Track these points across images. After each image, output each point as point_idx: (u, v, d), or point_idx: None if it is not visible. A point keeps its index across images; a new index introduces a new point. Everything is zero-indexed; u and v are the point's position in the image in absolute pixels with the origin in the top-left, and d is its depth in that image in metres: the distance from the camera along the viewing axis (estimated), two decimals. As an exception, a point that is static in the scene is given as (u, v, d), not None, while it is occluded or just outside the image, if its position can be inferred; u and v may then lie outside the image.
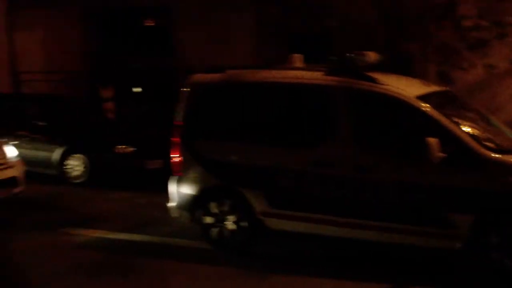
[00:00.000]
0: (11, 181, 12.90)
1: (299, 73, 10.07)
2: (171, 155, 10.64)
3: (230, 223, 10.15)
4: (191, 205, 10.44)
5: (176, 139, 10.55)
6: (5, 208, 12.87)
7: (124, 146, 15.38)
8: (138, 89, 22.94)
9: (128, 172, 15.33)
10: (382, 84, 9.40)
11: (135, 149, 15.42)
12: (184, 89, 10.66)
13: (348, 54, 10.01)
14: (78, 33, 22.89)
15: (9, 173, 12.90)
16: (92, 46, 23.04)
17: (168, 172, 10.84)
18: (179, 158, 10.51)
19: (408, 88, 9.49)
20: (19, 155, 13.62)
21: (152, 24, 23.37)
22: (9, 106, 17.44)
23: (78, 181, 15.36)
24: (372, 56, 10.03)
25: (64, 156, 15.59)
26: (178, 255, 10.17)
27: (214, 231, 10.24)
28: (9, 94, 20.10)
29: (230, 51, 19.60)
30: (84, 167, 15.32)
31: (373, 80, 9.43)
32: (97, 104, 19.83)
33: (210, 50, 19.96)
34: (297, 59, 10.48)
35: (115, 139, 15.68)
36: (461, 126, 9.06)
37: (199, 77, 10.70)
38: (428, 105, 9.15)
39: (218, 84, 10.48)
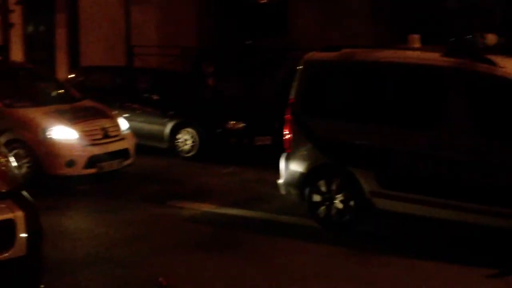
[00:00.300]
0: (124, 153, 13.13)
1: (416, 53, 9.87)
2: (283, 132, 10.56)
3: (337, 202, 10.03)
4: (300, 182, 10.37)
5: (289, 116, 10.46)
6: (117, 179, 13.10)
7: (234, 122, 15.39)
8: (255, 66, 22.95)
9: (238, 147, 15.33)
10: (502, 67, 9.07)
11: (245, 125, 15.40)
12: (299, 67, 10.56)
13: (467, 36, 9.74)
14: (193, 8, 23.04)
15: (122, 145, 13.13)
16: (207, 22, 23.16)
17: (276, 148, 10.78)
18: (290, 135, 10.42)
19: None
20: (130, 128, 13.84)
21: (267, 2, 23.32)
22: (122, 79, 17.69)
23: (188, 155, 15.45)
24: (491, 38, 9.74)
25: (175, 130, 15.70)
26: (284, 232, 10.12)
27: (322, 209, 10.15)
28: (122, 67, 20.38)
29: (344, 30, 19.36)
30: (194, 141, 15.39)
31: (492, 63, 9.12)
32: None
33: (324, 29, 19.76)
34: (415, 39, 10.23)
35: (226, 114, 15.69)
36: None
37: (314, 55, 10.62)
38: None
39: (333, 63, 10.39)
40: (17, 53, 26.04)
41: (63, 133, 12.39)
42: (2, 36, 24.98)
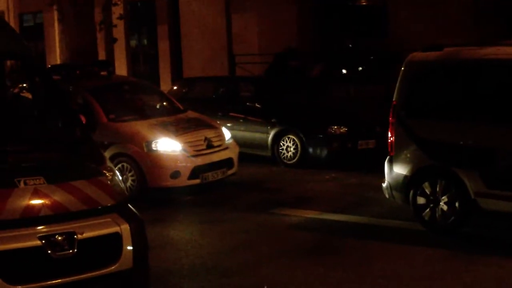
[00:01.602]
0: (227, 162, 13.23)
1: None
2: (388, 135, 10.49)
3: (442, 204, 9.89)
4: (404, 185, 10.28)
5: (392, 119, 10.37)
6: (220, 189, 13.20)
7: (337, 127, 15.31)
8: (359, 68, 22.82)
9: (341, 152, 15.24)
10: None
11: (347, 129, 15.30)
12: (402, 69, 10.49)
13: None
14: (293, 14, 23.07)
15: (225, 155, 13.22)
16: (306, 27, 23.14)
17: (380, 152, 10.66)
18: (393, 138, 10.31)
19: None
20: (233, 137, 13.93)
21: (367, 3, 23.17)
22: (224, 89, 17.83)
23: (290, 162, 15.46)
24: None
25: (278, 137, 15.72)
26: (389, 236, 10.04)
27: (426, 212, 10.04)
28: (224, 77, 20.55)
29: (445, 30, 19.04)
30: (297, 148, 15.37)
31: None
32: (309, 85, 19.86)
33: (426, 28, 19.49)
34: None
35: (328, 119, 15.62)
36: None
37: (416, 56, 10.50)
38: None
39: (436, 63, 10.25)
40: (121, 67, 26.64)
41: (167, 145, 12.57)
42: (106, 51, 25.56)
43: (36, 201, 6.29)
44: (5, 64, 9.64)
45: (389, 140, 10.47)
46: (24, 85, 14.32)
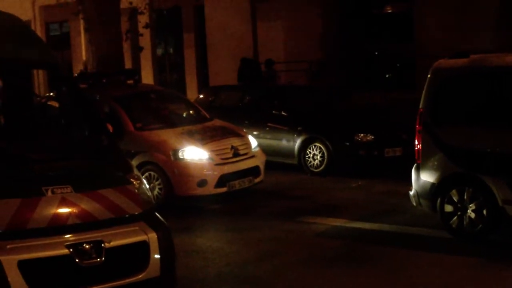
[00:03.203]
0: (254, 171, 13.22)
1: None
2: (414, 142, 10.47)
3: (470, 211, 9.83)
4: (431, 193, 10.24)
5: (418, 126, 10.32)
6: (247, 197, 13.19)
7: (363, 134, 15.25)
8: (386, 75, 22.81)
9: (367, 160, 15.19)
10: None
11: (374, 137, 15.25)
12: (428, 76, 10.44)
13: None
14: (318, 22, 23.07)
15: (252, 163, 13.22)
16: (332, 35, 23.13)
17: (407, 159, 10.61)
18: (420, 145, 10.26)
19: None
20: (259, 145, 13.93)
21: (393, 10, 23.12)
22: (250, 97, 17.83)
23: (317, 170, 15.43)
24: None
25: (304, 145, 15.71)
26: (416, 244, 9.97)
27: (454, 219, 9.99)
28: (250, 85, 20.55)
29: (472, 36, 18.96)
30: (324, 156, 15.34)
31: None
32: (337, 93, 19.87)
33: (451, 35, 19.41)
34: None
35: (355, 127, 15.58)
36: None
37: (442, 63, 10.46)
38: None
39: (462, 70, 10.19)
40: (147, 76, 26.77)
41: (194, 154, 12.58)
42: (133, 60, 25.72)
43: (64, 210, 6.32)
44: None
45: (416, 148, 10.44)
46: (51, 94, 14.46)
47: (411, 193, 10.56)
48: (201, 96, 18.97)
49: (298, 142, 15.79)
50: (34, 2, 30.96)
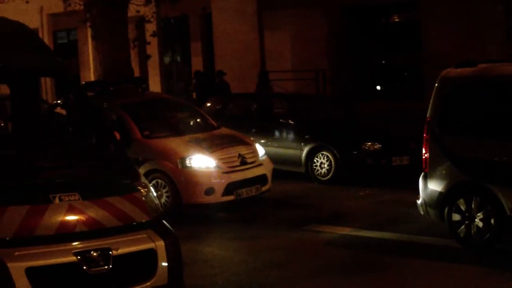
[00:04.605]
0: (261, 179, 13.20)
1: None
2: (422, 151, 10.44)
3: (477, 221, 9.79)
4: (439, 202, 10.20)
5: (426, 135, 10.30)
6: (254, 205, 13.17)
7: (370, 143, 15.23)
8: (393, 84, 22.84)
9: (375, 169, 15.16)
10: None
11: (381, 145, 15.22)
12: (436, 85, 10.43)
13: None
14: (325, 31, 23.09)
15: (259, 171, 13.19)
16: (339, 44, 23.15)
17: (414, 168, 10.59)
18: (428, 154, 10.24)
19: None
20: (267, 153, 13.92)
21: (400, 20, 23.14)
22: (257, 105, 17.85)
23: (324, 178, 15.41)
24: None
25: (312, 154, 15.69)
26: (425, 253, 9.95)
27: (462, 228, 9.95)
28: (257, 93, 20.57)
29: (479, 46, 18.96)
30: (331, 164, 15.32)
31: None
32: (345, 102, 19.87)
33: (458, 43, 19.41)
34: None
35: (362, 136, 15.56)
36: None
37: (450, 72, 10.43)
38: None
39: (470, 79, 10.16)
40: (154, 84, 26.78)
41: (201, 162, 12.56)
42: (140, 68, 25.76)
43: (71, 217, 6.32)
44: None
45: (424, 157, 10.41)
46: (59, 101, 14.49)
47: (419, 202, 10.53)
48: (208, 104, 18.97)
49: (305, 150, 15.78)
50: (41, 10, 31.02)
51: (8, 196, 6.24)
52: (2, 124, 14.98)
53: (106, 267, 6.24)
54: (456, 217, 10.00)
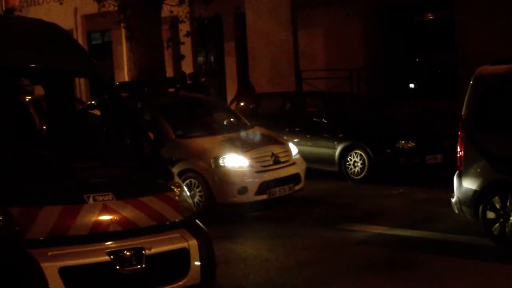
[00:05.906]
0: (294, 178, 13.19)
1: None
2: (456, 149, 10.38)
3: (512, 219, 9.73)
4: (473, 200, 10.14)
5: (461, 133, 10.24)
6: (287, 204, 13.17)
7: (404, 141, 15.16)
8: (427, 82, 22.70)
9: (409, 167, 15.10)
10: None
11: (415, 144, 15.15)
12: (470, 82, 10.37)
13: None
14: (359, 29, 23.02)
15: (292, 170, 13.19)
16: (372, 42, 23.06)
17: (448, 166, 10.52)
18: (462, 152, 10.19)
19: None
20: (300, 152, 13.91)
21: (434, 18, 22.99)
22: (291, 104, 17.86)
23: (358, 177, 15.38)
24: None
25: (345, 152, 15.67)
26: (458, 252, 9.89)
27: (496, 226, 9.89)
28: (291, 93, 20.56)
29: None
30: (365, 163, 15.28)
31: None
32: (380, 101, 19.81)
33: (493, 41, 19.24)
34: None
35: (396, 134, 15.49)
36: None
37: (485, 69, 10.37)
38: None
39: (505, 76, 10.09)
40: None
41: (235, 161, 12.58)
42: (174, 68, 25.84)
43: (105, 217, 6.37)
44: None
45: (458, 155, 10.35)
46: (93, 102, 14.60)
47: (453, 200, 10.48)
48: (242, 103, 19.01)
49: (338, 149, 15.76)
50: (76, 11, 31.26)
51: (43, 196, 6.31)
52: (37, 125, 15.13)
53: (139, 266, 6.28)
54: (490, 215, 9.93)
